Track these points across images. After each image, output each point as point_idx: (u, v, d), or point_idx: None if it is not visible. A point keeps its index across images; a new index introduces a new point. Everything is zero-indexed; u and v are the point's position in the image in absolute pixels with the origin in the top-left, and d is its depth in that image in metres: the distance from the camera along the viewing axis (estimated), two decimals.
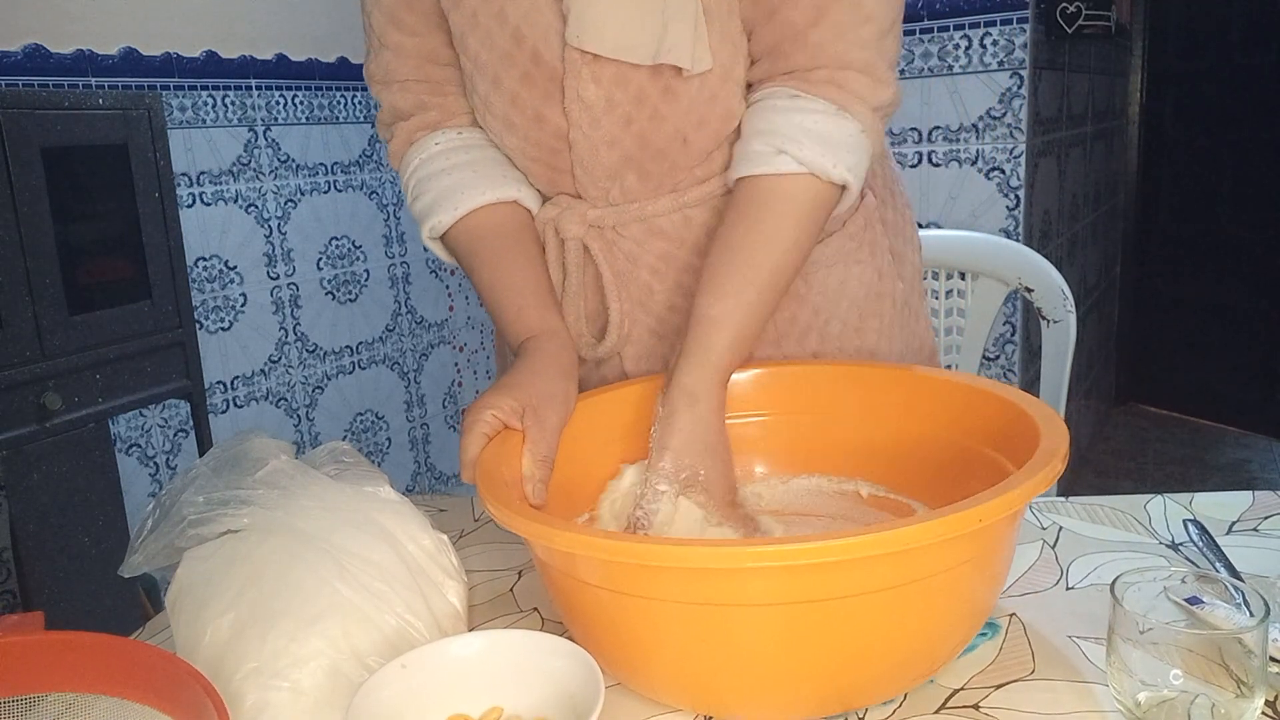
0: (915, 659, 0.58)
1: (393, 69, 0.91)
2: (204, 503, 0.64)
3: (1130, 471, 3.27)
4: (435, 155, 0.91)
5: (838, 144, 0.78)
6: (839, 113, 0.79)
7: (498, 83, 0.85)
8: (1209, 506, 0.84)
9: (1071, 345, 1.34)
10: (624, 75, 0.80)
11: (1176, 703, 0.52)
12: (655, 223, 0.88)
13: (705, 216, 0.88)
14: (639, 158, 0.84)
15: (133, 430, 2.10)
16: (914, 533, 0.51)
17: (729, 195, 0.83)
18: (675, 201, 0.87)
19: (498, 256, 0.88)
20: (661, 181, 0.86)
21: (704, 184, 0.87)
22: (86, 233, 1.68)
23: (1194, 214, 3.70)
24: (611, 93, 0.81)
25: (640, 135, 0.83)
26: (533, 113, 0.84)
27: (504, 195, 0.89)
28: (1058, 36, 2.47)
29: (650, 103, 0.81)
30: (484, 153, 0.92)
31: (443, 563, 0.68)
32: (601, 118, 0.82)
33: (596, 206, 0.88)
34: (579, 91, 0.81)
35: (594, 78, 0.80)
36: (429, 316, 2.95)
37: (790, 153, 0.78)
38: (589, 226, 0.89)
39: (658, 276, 0.90)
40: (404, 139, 0.94)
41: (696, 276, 0.89)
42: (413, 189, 0.92)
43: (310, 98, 2.49)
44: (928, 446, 0.78)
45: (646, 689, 0.62)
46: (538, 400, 0.75)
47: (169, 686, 0.52)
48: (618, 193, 0.87)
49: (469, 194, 0.88)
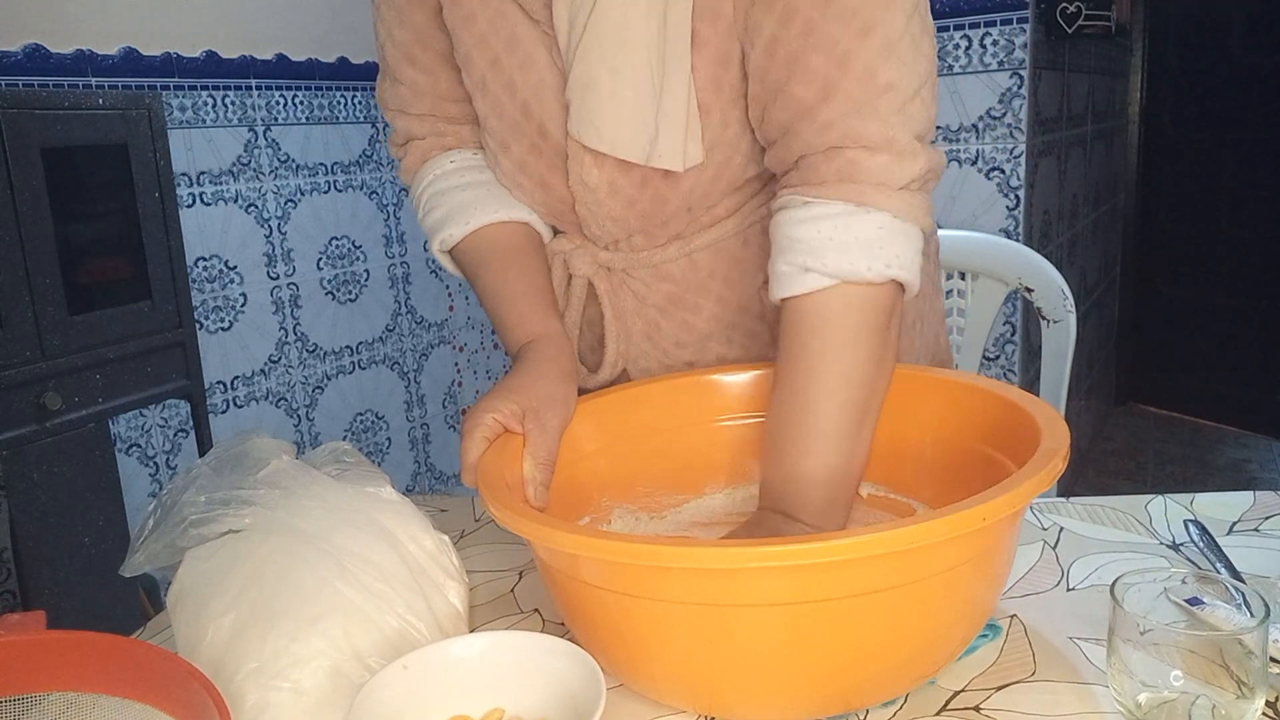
0: (917, 659, 0.58)
1: (408, 102, 0.92)
2: (205, 503, 0.64)
3: (1130, 471, 3.27)
4: (450, 172, 0.92)
5: (865, 244, 0.71)
6: (858, 210, 0.72)
7: (505, 148, 0.86)
8: (1209, 507, 0.84)
9: (1071, 345, 1.34)
10: (625, 165, 0.80)
11: (1177, 704, 0.52)
12: (663, 268, 0.89)
13: (710, 259, 0.88)
14: (644, 228, 0.86)
15: (133, 430, 2.10)
16: (916, 532, 0.52)
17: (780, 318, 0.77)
18: (682, 248, 0.88)
19: (503, 264, 0.88)
20: (669, 237, 0.87)
21: (708, 230, 0.87)
22: (86, 233, 1.68)
23: (1194, 214, 3.70)
24: (614, 178, 0.82)
25: (644, 214, 0.84)
26: (539, 179, 0.86)
27: (515, 215, 0.90)
28: (1058, 36, 2.47)
29: (653, 186, 0.82)
30: None
31: (444, 563, 0.68)
32: (605, 199, 0.83)
33: (607, 250, 0.90)
34: (582, 176, 0.82)
35: (596, 164, 0.81)
36: (429, 316, 2.95)
37: (815, 269, 0.72)
38: (599, 267, 0.91)
39: (664, 315, 0.91)
40: (418, 157, 0.94)
41: (701, 315, 0.90)
42: (425, 203, 0.92)
43: (310, 98, 2.48)
44: (928, 446, 0.78)
45: (649, 690, 0.62)
46: (538, 403, 0.75)
47: (170, 686, 0.52)
48: (625, 246, 0.89)
49: (482, 210, 0.89)
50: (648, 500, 0.83)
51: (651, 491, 0.83)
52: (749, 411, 0.85)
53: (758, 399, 0.85)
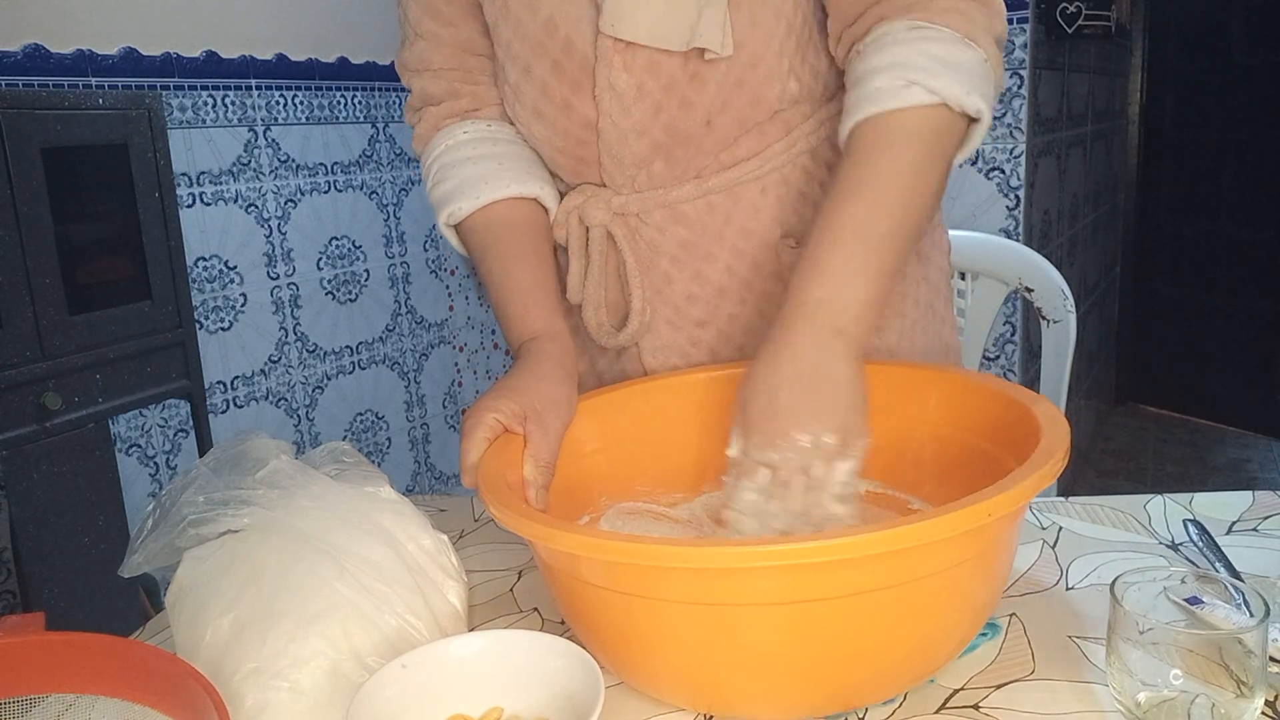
0: (917, 657, 0.58)
1: (427, 57, 0.92)
2: (204, 503, 0.64)
3: (1130, 471, 3.27)
4: (462, 143, 0.91)
5: (969, 72, 0.74)
6: (964, 41, 0.75)
7: (528, 71, 0.85)
8: (1209, 506, 0.84)
9: (1071, 345, 1.34)
10: (656, 63, 0.80)
11: (1176, 703, 0.52)
12: (679, 209, 0.88)
13: (727, 204, 0.87)
14: (666, 144, 0.84)
15: (133, 430, 2.10)
16: (917, 531, 0.51)
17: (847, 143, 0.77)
18: (699, 188, 0.87)
19: (511, 252, 0.88)
20: (686, 167, 0.86)
21: (728, 170, 0.86)
22: (86, 233, 1.68)
23: (1194, 214, 3.70)
24: (643, 80, 0.81)
25: (669, 123, 0.83)
26: (562, 101, 0.85)
27: (526, 191, 0.89)
28: (1058, 36, 2.47)
29: (679, 90, 0.81)
30: (510, 148, 0.92)
31: (443, 563, 0.68)
32: (632, 106, 0.82)
33: (621, 194, 0.88)
34: (610, 80, 0.81)
35: (625, 66, 0.81)
36: (429, 316, 2.95)
37: (922, 83, 0.73)
38: (614, 214, 0.89)
39: (677, 265, 0.90)
40: (431, 124, 0.93)
41: (715, 266, 0.89)
42: (434, 174, 0.92)
43: (310, 98, 2.48)
44: (928, 443, 0.78)
45: (649, 688, 0.62)
46: (540, 405, 0.75)
47: (169, 687, 0.52)
48: (644, 179, 0.87)
49: (491, 185, 0.88)
50: (647, 500, 0.83)
51: (650, 491, 0.83)
52: None
53: None
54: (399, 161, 2.77)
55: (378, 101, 2.67)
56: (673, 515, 0.81)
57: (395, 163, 2.75)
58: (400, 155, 2.77)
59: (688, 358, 0.92)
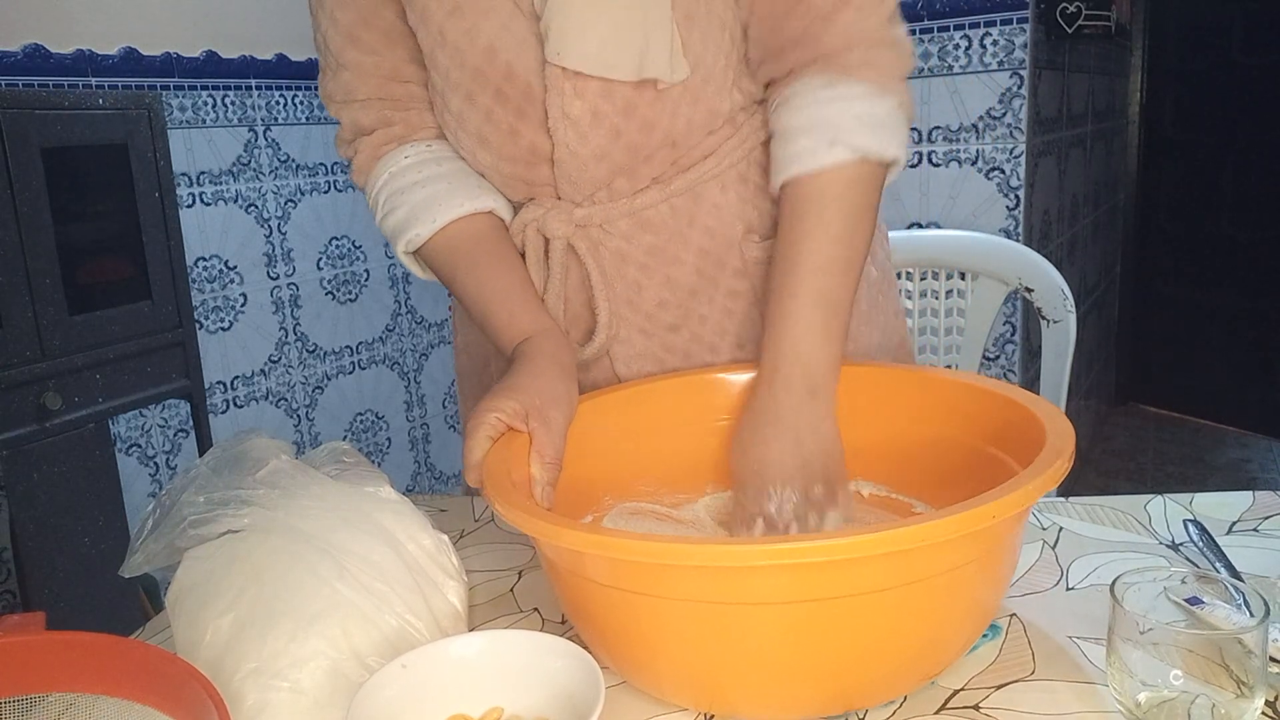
0: (920, 659, 0.58)
1: (353, 88, 0.90)
2: (204, 503, 0.64)
3: (1130, 471, 3.27)
4: (406, 168, 0.90)
5: (884, 124, 0.79)
6: (879, 93, 0.79)
7: (471, 99, 0.84)
8: (1209, 506, 0.84)
9: (1071, 345, 1.34)
10: (609, 87, 0.80)
11: (1177, 703, 0.52)
12: (643, 215, 0.87)
13: (690, 205, 0.87)
14: (628, 165, 0.84)
15: (133, 430, 2.10)
16: (922, 531, 0.51)
17: (780, 198, 0.82)
18: (662, 192, 0.86)
19: (481, 264, 0.87)
20: (648, 178, 0.86)
21: (686, 173, 0.86)
22: (86, 233, 1.68)
23: (1194, 214, 3.70)
24: (597, 105, 0.80)
25: (630, 145, 0.83)
26: (508, 128, 0.84)
27: (480, 206, 0.88)
28: (1058, 36, 2.47)
29: (639, 112, 0.81)
30: (455, 165, 0.91)
31: (443, 563, 0.68)
32: (589, 132, 0.82)
33: (582, 206, 0.87)
34: (563, 109, 0.81)
35: (577, 93, 0.80)
36: (429, 316, 2.95)
37: (844, 142, 0.78)
38: (575, 226, 0.88)
39: (646, 272, 0.89)
40: (369, 154, 0.92)
41: (684, 269, 0.89)
42: (383, 204, 0.90)
43: (310, 98, 2.48)
44: (930, 446, 0.78)
45: (651, 687, 0.62)
46: (542, 402, 0.74)
47: (169, 686, 0.52)
48: (604, 195, 0.87)
49: (445, 205, 0.87)
50: (650, 500, 0.83)
51: (653, 491, 0.83)
52: None
53: None
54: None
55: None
56: (675, 516, 0.82)
57: None
58: None
59: (662, 364, 0.92)
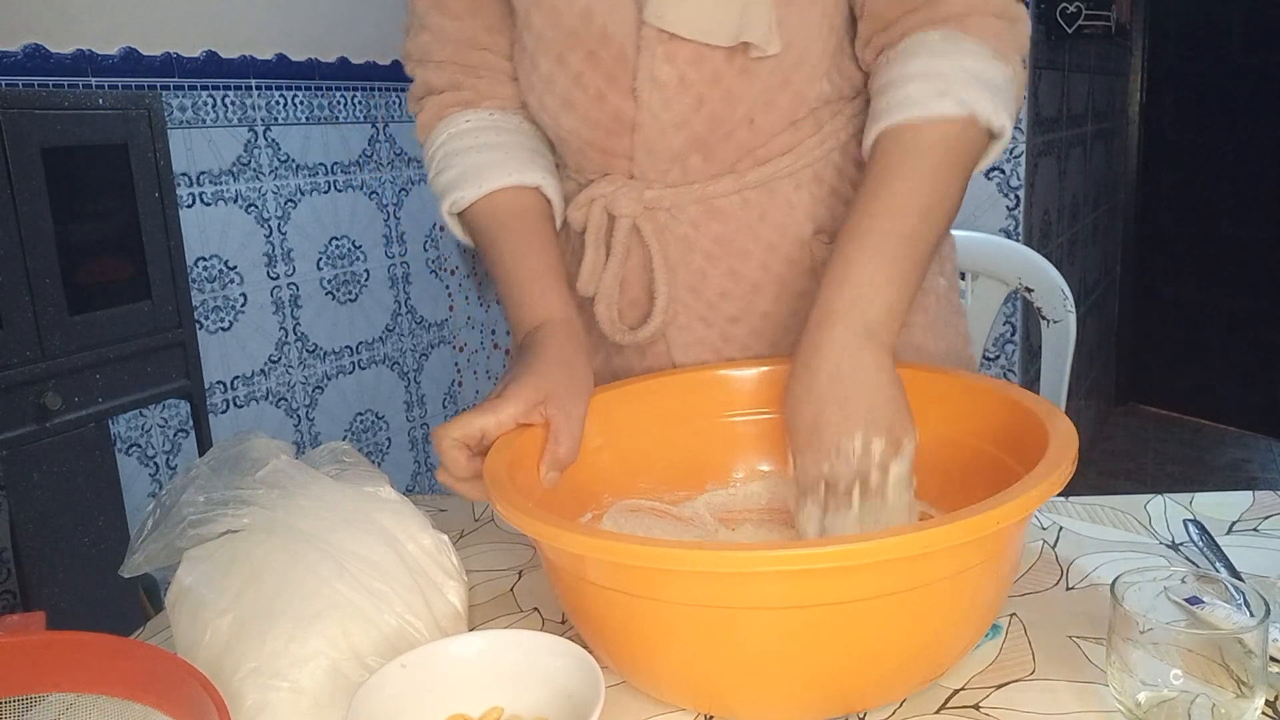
0: (922, 662, 0.58)
1: (430, 49, 0.91)
2: (204, 503, 0.64)
3: (1130, 471, 3.27)
4: (465, 131, 0.90)
5: (998, 89, 0.76)
6: (996, 56, 0.77)
7: (562, 60, 0.84)
8: (1209, 506, 0.84)
9: (1071, 345, 1.34)
10: (700, 55, 0.79)
11: (1177, 703, 0.52)
12: (714, 204, 0.87)
13: (762, 199, 0.87)
14: (707, 139, 0.83)
15: (133, 430, 2.10)
16: (927, 538, 0.51)
17: (874, 148, 0.78)
18: (736, 183, 0.86)
19: (521, 239, 0.87)
20: (722, 162, 0.85)
21: (763, 165, 0.86)
22: (86, 233, 1.67)
23: (1194, 214, 3.70)
24: (685, 72, 0.80)
25: (711, 116, 0.82)
26: (596, 92, 0.83)
27: (529, 180, 0.88)
28: (1058, 36, 2.47)
29: (725, 83, 0.80)
30: (514, 137, 0.91)
31: (443, 563, 0.68)
32: (673, 99, 0.81)
33: (653, 187, 0.87)
34: (652, 72, 0.80)
35: (668, 57, 0.80)
36: (429, 316, 2.94)
37: (954, 95, 0.74)
38: (644, 208, 0.87)
39: (711, 261, 0.88)
40: (434, 112, 0.92)
41: (750, 263, 0.88)
42: (438, 162, 0.91)
43: (310, 98, 2.48)
44: (932, 447, 0.77)
45: (651, 688, 0.62)
46: (564, 390, 0.74)
47: (169, 686, 0.52)
48: (678, 173, 0.86)
49: (495, 173, 0.87)
50: (650, 497, 0.82)
51: (653, 488, 0.83)
52: (753, 408, 0.85)
53: (762, 396, 0.85)
54: (399, 161, 2.77)
55: (378, 101, 2.67)
56: (675, 513, 0.81)
57: (395, 163, 2.75)
58: (400, 155, 2.76)
59: (719, 354, 0.91)
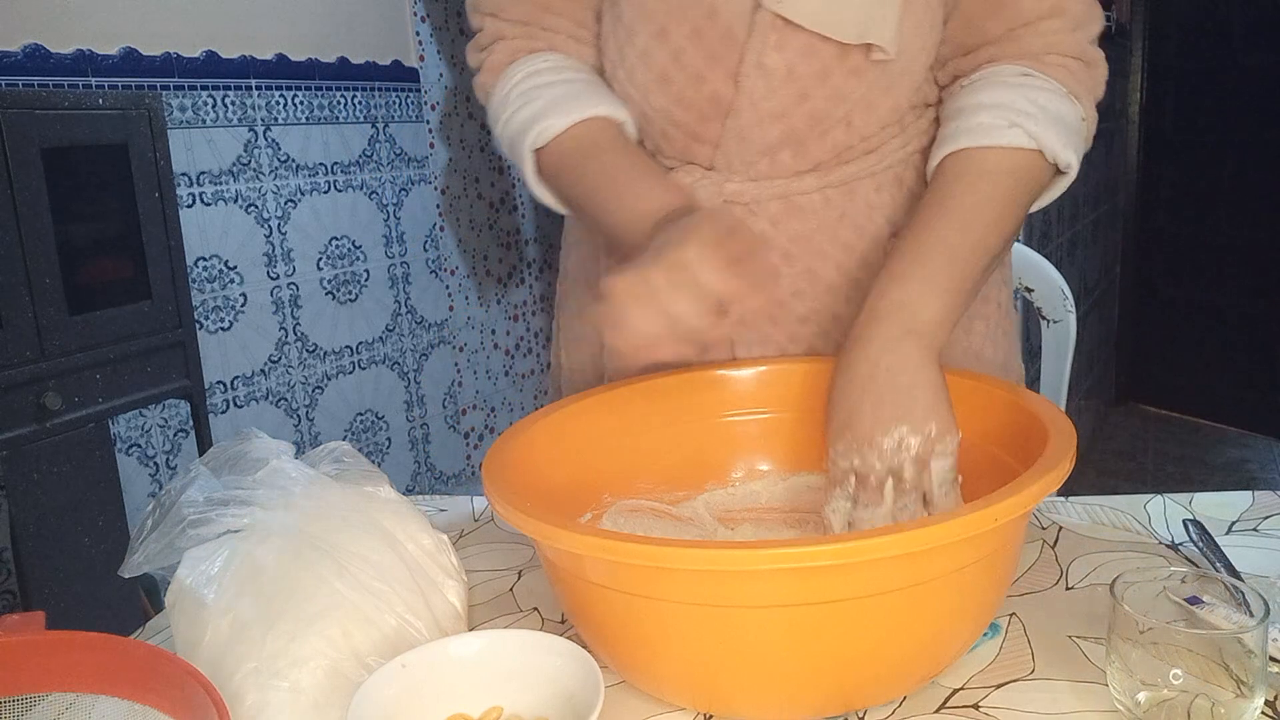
0: (922, 660, 0.58)
1: (503, 6, 0.89)
2: (204, 503, 0.64)
3: (1130, 471, 3.27)
4: (545, 69, 0.87)
5: (1068, 126, 0.77)
6: (1069, 97, 0.78)
7: (663, 35, 0.81)
8: (1209, 506, 0.84)
9: (1071, 345, 1.34)
10: (813, 47, 0.78)
11: (1176, 702, 0.52)
12: (795, 201, 0.85)
13: (843, 199, 0.85)
14: (803, 135, 0.82)
15: (133, 430, 2.10)
16: (926, 535, 0.51)
17: (939, 168, 0.78)
18: (819, 180, 0.84)
19: (618, 150, 0.83)
20: (812, 160, 0.84)
21: (847, 165, 0.85)
22: (86, 233, 1.67)
23: (1194, 214, 3.70)
24: (795, 63, 0.78)
25: (812, 112, 0.80)
26: (694, 72, 0.81)
27: (616, 114, 0.85)
28: None
29: (833, 80, 0.79)
30: (594, 76, 0.88)
31: (442, 562, 0.68)
32: (778, 89, 0.79)
33: (734, 180, 0.85)
34: (760, 58, 0.78)
35: (780, 45, 0.78)
36: (429, 316, 2.94)
37: (1024, 126, 0.75)
38: (722, 201, 0.85)
39: (788, 260, 0.87)
40: (506, 55, 0.89)
41: (827, 263, 0.86)
42: (515, 99, 0.86)
43: (310, 98, 2.48)
44: None
45: (650, 687, 0.62)
46: (741, 249, 0.68)
47: (169, 686, 0.52)
48: (765, 166, 0.84)
49: (583, 103, 0.83)
50: (650, 497, 0.83)
51: (653, 488, 0.83)
52: (753, 408, 0.85)
53: (761, 395, 0.85)
54: (399, 161, 2.76)
55: (378, 101, 2.67)
56: (675, 513, 0.81)
57: (395, 163, 2.75)
58: (400, 155, 2.76)
59: (783, 353, 0.90)
